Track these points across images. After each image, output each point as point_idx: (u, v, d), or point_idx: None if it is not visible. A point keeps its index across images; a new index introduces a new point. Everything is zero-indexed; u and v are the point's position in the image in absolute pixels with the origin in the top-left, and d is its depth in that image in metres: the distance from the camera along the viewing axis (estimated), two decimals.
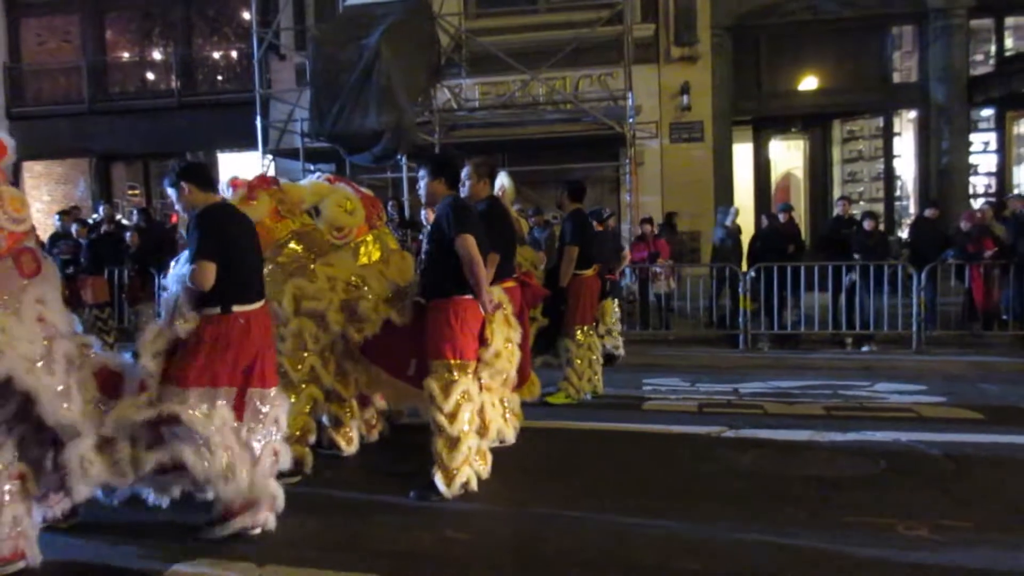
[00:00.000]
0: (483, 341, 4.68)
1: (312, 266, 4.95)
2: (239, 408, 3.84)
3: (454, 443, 4.49)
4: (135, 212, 12.05)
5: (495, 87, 14.04)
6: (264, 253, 4.45)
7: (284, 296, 4.78)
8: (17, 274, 3.49)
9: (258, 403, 3.90)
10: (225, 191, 4.90)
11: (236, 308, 3.87)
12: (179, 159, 4.17)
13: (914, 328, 9.36)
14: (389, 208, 10.65)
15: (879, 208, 14.64)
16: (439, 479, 4.49)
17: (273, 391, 4.00)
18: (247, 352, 3.86)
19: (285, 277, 4.88)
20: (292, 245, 4.96)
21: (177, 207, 4.16)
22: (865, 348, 9.58)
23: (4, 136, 3.78)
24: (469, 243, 4.46)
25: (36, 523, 3.77)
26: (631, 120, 12.30)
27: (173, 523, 3.88)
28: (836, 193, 14.54)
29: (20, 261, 3.52)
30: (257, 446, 3.86)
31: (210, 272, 3.75)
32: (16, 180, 16.30)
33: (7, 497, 3.53)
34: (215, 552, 3.67)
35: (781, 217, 10.88)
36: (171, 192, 4.07)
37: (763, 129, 15.38)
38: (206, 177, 4.11)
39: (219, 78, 16.87)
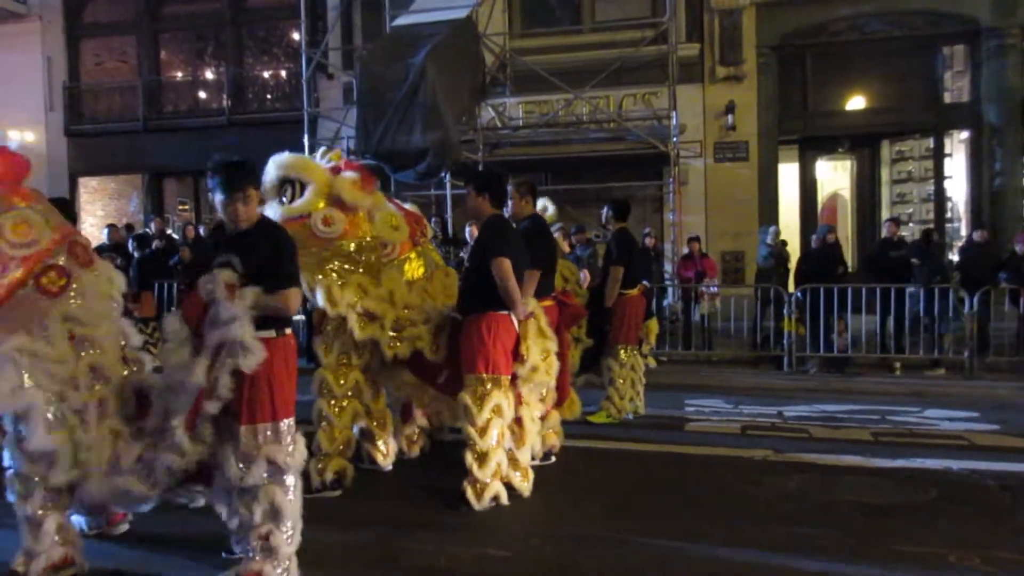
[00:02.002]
0: (519, 357, 4.70)
1: (376, 273, 4.97)
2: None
3: (483, 457, 4.58)
4: (184, 227, 12.31)
5: (539, 106, 14.10)
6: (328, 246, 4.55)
7: (347, 291, 4.80)
8: (41, 297, 3.43)
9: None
10: (321, 158, 5.00)
11: (288, 330, 3.63)
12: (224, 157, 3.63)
13: (966, 354, 9.12)
14: (432, 224, 10.74)
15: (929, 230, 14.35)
16: (469, 492, 4.58)
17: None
18: (294, 374, 3.67)
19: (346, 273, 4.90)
20: (353, 253, 4.90)
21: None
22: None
23: (20, 151, 3.74)
24: (504, 267, 4.56)
25: (78, 531, 3.85)
26: (675, 139, 12.26)
27: (217, 534, 3.92)
28: (884, 214, 14.28)
29: (41, 283, 3.44)
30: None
31: (300, 298, 3.63)
32: (72, 195, 16.81)
33: (49, 505, 3.60)
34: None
35: (828, 238, 10.71)
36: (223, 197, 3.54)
37: (809, 149, 15.18)
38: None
39: (268, 97, 17.21)
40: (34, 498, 3.58)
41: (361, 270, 4.92)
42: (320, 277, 4.79)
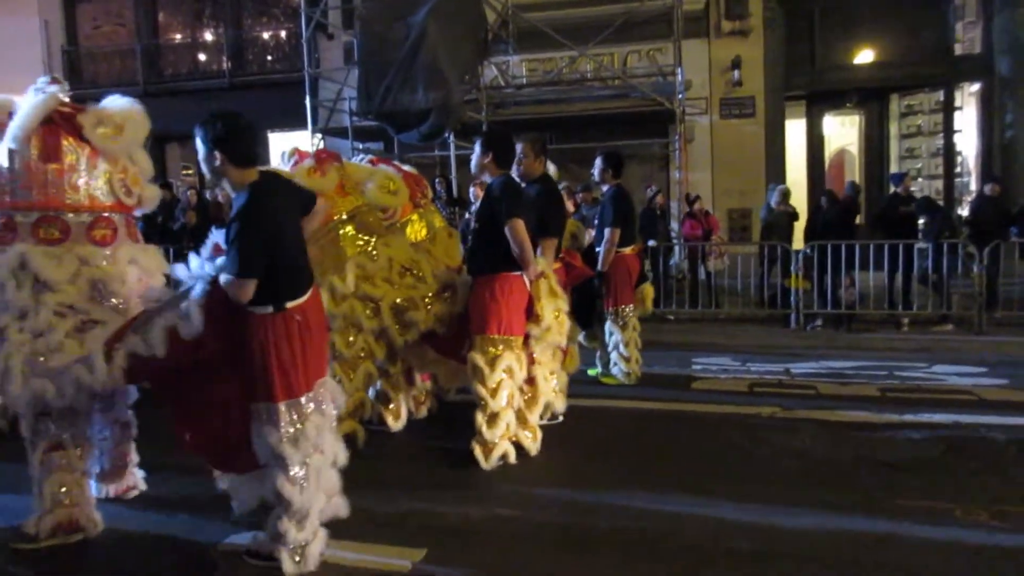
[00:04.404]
0: (534, 316, 4.69)
1: (371, 245, 4.91)
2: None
3: (493, 418, 4.60)
4: (188, 191, 12.25)
5: (542, 63, 13.94)
6: (321, 228, 4.29)
7: (348, 273, 4.75)
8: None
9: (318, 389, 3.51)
10: (286, 162, 4.93)
11: (290, 305, 3.32)
12: (213, 115, 3.34)
13: (975, 309, 9.08)
14: (436, 185, 10.68)
15: (938, 185, 14.22)
16: (478, 452, 4.61)
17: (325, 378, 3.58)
18: (316, 347, 3.42)
19: (342, 254, 4.83)
20: (348, 228, 4.82)
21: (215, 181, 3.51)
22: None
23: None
24: (519, 228, 4.52)
25: (91, 495, 3.88)
26: (681, 96, 12.11)
27: (228, 497, 3.95)
28: (892, 170, 14.14)
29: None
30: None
31: (251, 288, 3.21)
32: None
33: (52, 467, 3.65)
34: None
35: (848, 189, 10.60)
36: (201, 153, 3.38)
37: (817, 104, 15.00)
38: (244, 147, 3.33)
39: (268, 58, 17.03)
40: (35, 457, 3.65)
41: (359, 243, 4.84)
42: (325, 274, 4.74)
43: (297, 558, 3.33)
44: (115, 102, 3.89)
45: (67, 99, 3.82)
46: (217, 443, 3.52)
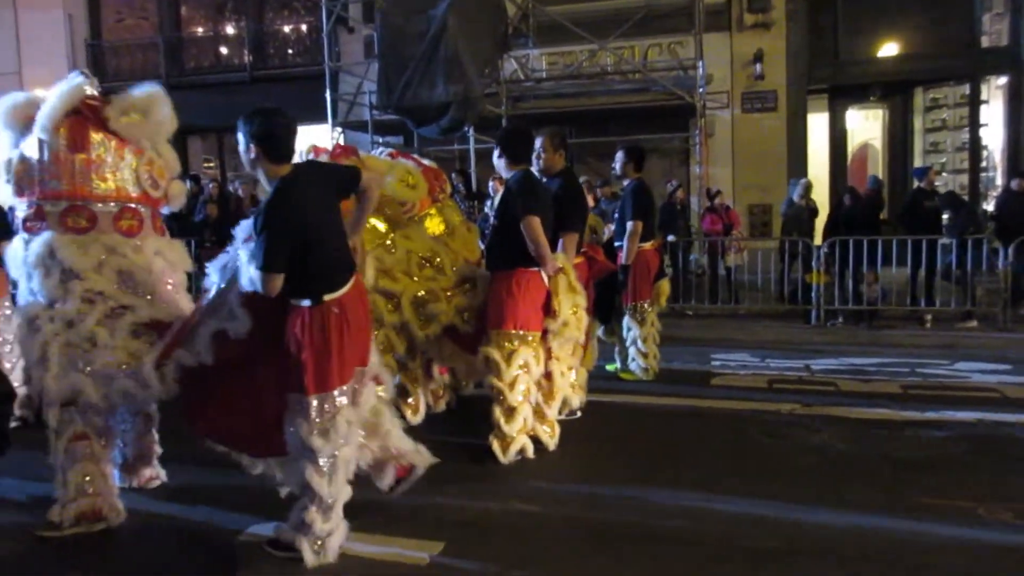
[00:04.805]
0: (551, 312, 4.68)
1: (390, 238, 4.92)
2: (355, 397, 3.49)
3: (511, 412, 4.60)
4: (210, 184, 12.34)
5: (562, 57, 13.89)
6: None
7: (368, 268, 4.76)
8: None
9: (360, 380, 3.51)
10: (304, 158, 4.95)
11: (327, 297, 3.31)
12: (255, 111, 3.44)
13: (999, 306, 8.97)
14: (454, 180, 10.67)
15: (964, 179, 14.04)
16: (496, 446, 4.62)
17: (369, 367, 3.57)
18: (354, 340, 3.39)
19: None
20: (372, 220, 4.80)
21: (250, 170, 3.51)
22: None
23: None
24: (534, 225, 4.52)
25: (114, 484, 3.92)
26: (701, 90, 12.02)
27: (249, 487, 3.98)
28: (916, 164, 13.98)
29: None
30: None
31: (277, 282, 3.24)
32: None
33: (76, 457, 3.70)
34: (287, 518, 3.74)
35: (870, 183, 10.50)
36: (241, 144, 3.43)
37: (839, 98, 14.85)
38: (280, 144, 3.40)
39: (289, 52, 17.08)
40: (59, 447, 3.70)
41: (377, 237, 4.84)
42: None
43: (318, 549, 3.36)
44: (139, 88, 3.96)
45: (95, 92, 3.89)
46: (251, 428, 3.56)
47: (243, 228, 3.56)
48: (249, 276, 3.32)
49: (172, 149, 4.11)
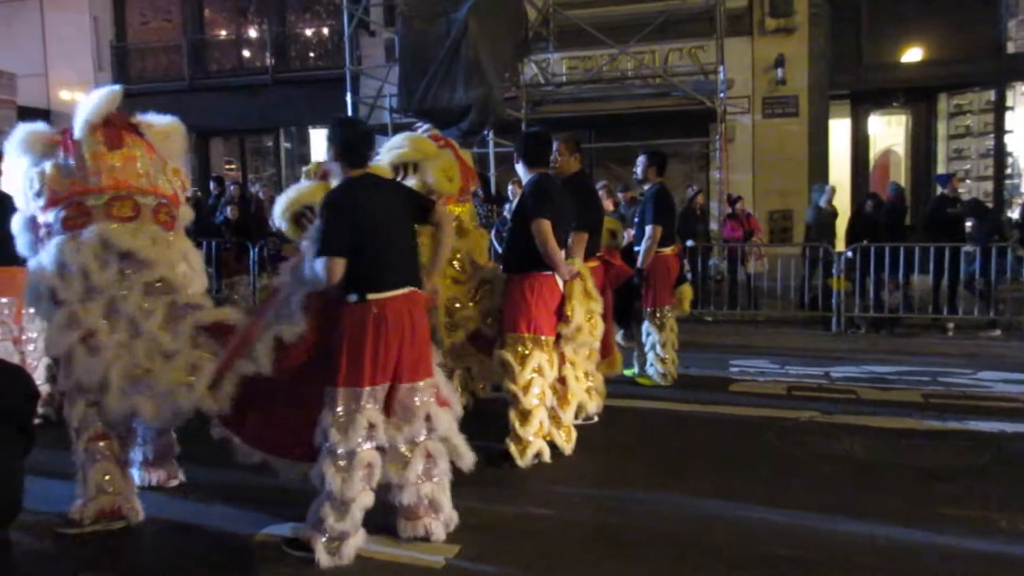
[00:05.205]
0: (564, 317, 4.68)
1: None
2: (389, 405, 3.52)
3: (526, 415, 4.61)
4: (231, 186, 12.45)
5: (583, 61, 13.87)
6: None
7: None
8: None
9: (405, 399, 3.53)
10: (312, 177, 4.96)
11: (371, 296, 3.41)
12: (341, 120, 3.76)
13: None
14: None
15: (988, 187, 13.88)
16: (513, 449, 4.63)
17: (423, 383, 3.57)
18: (391, 344, 3.43)
19: None
20: None
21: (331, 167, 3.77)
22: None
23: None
24: (544, 228, 4.54)
25: (134, 483, 3.96)
26: (722, 95, 11.97)
27: (267, 487, 4.01)
28: (940, 171, 13.83)
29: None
30: (404, 447, 3.55)
31: (338, 268, 3.36)
32: None
33: (97, 456, 3.73)
34: (304, 520, 3.75)
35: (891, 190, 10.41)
36: (326, 146, 3.71)
37: (862, 103, 14.73)
38: (355, 152, 3.60)
39: (311, 55, 17.20)
40: (80, 445, 3.74)
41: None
42: None
43: (333, 550, 3.36)
44: (159, 118, 4.20)
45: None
46: (291, 433, 3.56)
47: (314, 229, 3.63)
48: (313, 268, 3.42)
49: (187, 172, 4.32)
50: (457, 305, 4.85)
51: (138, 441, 4.18)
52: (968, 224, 9.87)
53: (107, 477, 3.74)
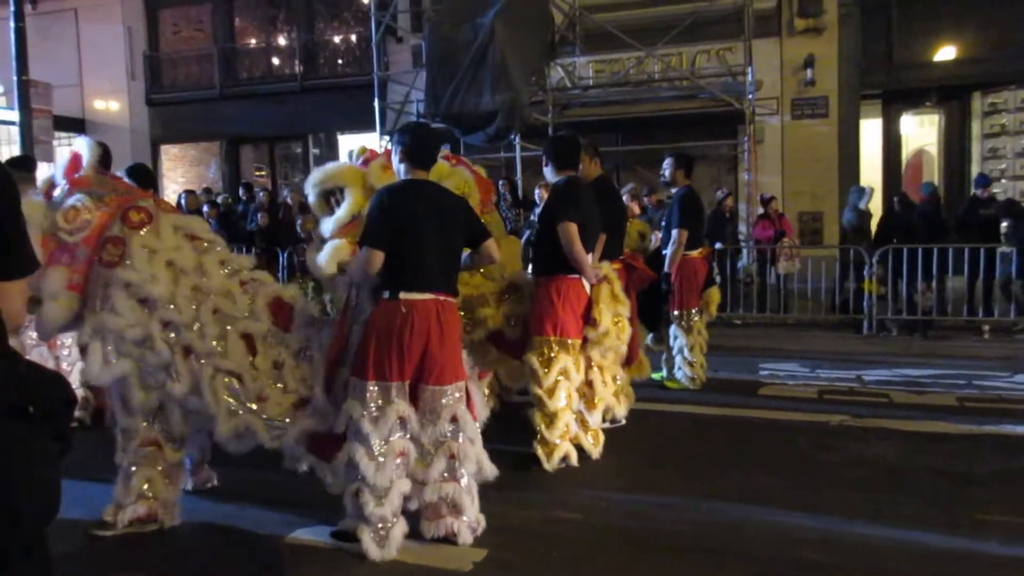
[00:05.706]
0: (591, 320, 4.67)
1: None
2: (415, 403, 3.58)
3: (552, 418, 4.61)
4: (261, 193, 12.58)
5: (609, 64, 13.84)
6: None
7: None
8: (105, 270, 3.62)
9: (430, 400, 3.58)
10: (354, 160, 5.00)
11: (403, 295, 3.52)
12: (409, 126, 3.90)
13: None
14: (500, 187, 10.72)
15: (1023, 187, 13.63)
16: (540, 452, 4.64)
17: (450, 387, 3.60)
18: (414, 344, 3.51)
19: None
20: None
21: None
22: None
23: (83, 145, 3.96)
24: (570, 231, 4.57)
25: (178, 489, 3.96)
26: (751, 96, 11.88)
27: (298, 489, 4.04)
28: (974, 171, 13.60)
29: (103, 258, 3.63)
30: (428, 445, 3.58)
31: (376, 260, 3.50)
32: (155, 162, 17.39)
33: (143, 461, 3.77)
34: (334, 522, 3.79)
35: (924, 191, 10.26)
36: (394, 148, 3.81)
37: (894, 103, 14.52)
38: (420, 155, 3.74)
39: (339, 62, 17.34)
40: (128, 451, 3.78)
41: None
42: None
43: (380, 540, 3.42)
44: None
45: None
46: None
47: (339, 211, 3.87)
48: (352, 264, 3.67)
49: None
50: (476, 304, 4.87)
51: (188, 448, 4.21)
52: (1003, 224, 9.69)
53: (148, 483, 3.78)
